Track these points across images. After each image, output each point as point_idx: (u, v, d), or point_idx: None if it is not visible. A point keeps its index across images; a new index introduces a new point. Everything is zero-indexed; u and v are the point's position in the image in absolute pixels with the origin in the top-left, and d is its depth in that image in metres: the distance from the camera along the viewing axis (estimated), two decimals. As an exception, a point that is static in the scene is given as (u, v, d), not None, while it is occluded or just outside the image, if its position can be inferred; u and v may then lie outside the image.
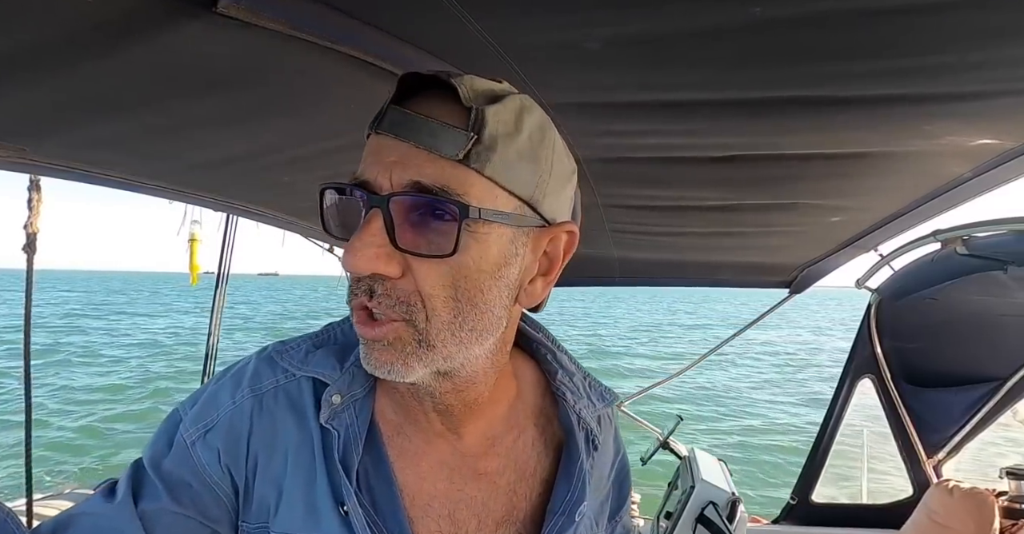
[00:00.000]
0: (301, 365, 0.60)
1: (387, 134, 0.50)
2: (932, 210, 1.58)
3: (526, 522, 0.61)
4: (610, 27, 0.73)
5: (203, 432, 0.58)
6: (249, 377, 0.61)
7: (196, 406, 0.60)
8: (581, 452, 0.63)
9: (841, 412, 2.67)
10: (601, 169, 1.36)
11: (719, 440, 9.38)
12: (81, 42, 0.63)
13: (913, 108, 0.97)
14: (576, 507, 0.61)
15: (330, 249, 2.70)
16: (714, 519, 2.09)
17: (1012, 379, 2.37)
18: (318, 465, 0.57)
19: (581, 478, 0.62)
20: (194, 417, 0.59)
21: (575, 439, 0.64)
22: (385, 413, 0.61)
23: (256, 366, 0.61)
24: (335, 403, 0.57)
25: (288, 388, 0.60)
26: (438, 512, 0.59)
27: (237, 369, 0.62)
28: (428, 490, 0.59)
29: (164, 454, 0.58)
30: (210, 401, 0.60)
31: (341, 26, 0.71)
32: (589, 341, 23.69)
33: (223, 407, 0.59)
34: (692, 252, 2.35)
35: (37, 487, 2.48)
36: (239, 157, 1.10)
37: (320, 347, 0.62)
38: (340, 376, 0.59)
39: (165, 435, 0.59)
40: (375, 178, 0.49)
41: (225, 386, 0.61)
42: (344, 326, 0.64)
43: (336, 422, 0.57)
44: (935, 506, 2.24)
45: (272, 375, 0.60)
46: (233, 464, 0.58)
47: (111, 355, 17.29)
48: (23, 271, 1.66)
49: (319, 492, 0.56)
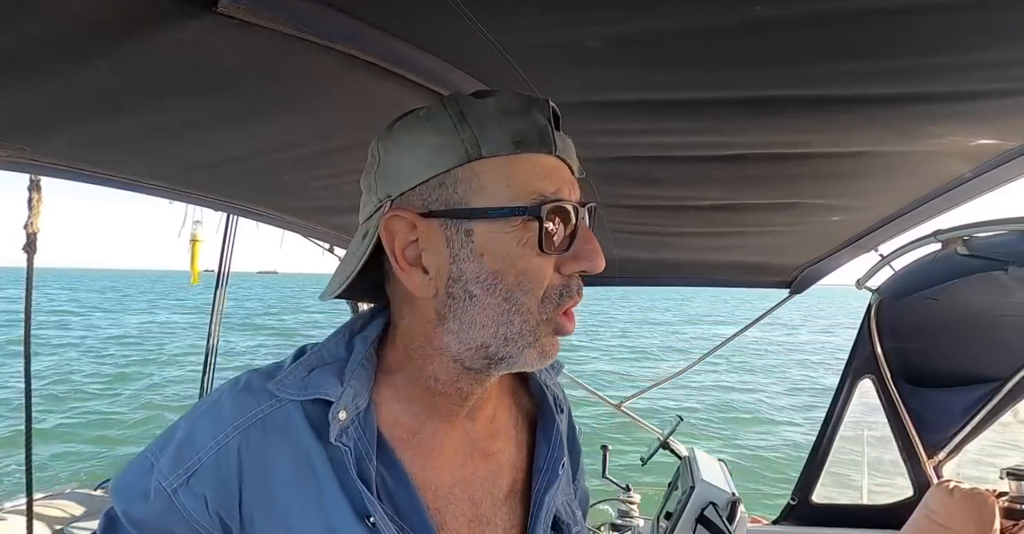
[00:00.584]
0: (300, 390, 0.59)
1: (560, 156, 0.59)
2: (932, 210, 1.57)
3: (523, 486, 0.68)
4: (611, 26, 0.73)
5: (185, 478, 0.56)
6: (229, 412, 0.58)
7: (169, 451, 0.57)
8: (555, 415, 0.71)
9: (841, 412, 2.67)
10: (601, 169, 1.36)
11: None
12: (81, 42, 0.63)
13: (913, 108, 0.97)
14: (558, 463, 0.68)
15: (330, 249, 2.70)
16: (714, 519, 2.09)
17: (1013, 379, 2.37)
18: (327, 485, 0.57)
19: (558, 437, 0.70)
20: (171, 463, 0.57)
21: (548, 404, 0.72)
22: (396, 419, 0.62)
23: (234, 399, 0.59)
24: (342, 419, 0.57)
25: (274, 416, 0.59)
26: (459, 497, 0.63)
27: (208, 406, 0.60)
28: (447, 480, 0.63)
29: (142, 505, 0.56)
30: (186, 444, 0.57)
31: (341, 26, 0.71)
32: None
33: (204, 448, 0.57)
34: (692, 252, 2.35)
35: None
36: (239, 157, 1.10)
37: (313, 369, 0.61)
38: (342, 393, 0.59)
39: (138, 484, 0.57)
40: (570, 195, 0.58)
41: (201, 426, 0.58)
42: (328, 346, 0.64)
43: (344, 438, 0.57)
44: (935, 507, 2.24)
45: (255, 405, 0.59)
46: (224, 509, 0.56)
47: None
48: (19, 269, 1.65)
49: (336, 511, 0.56)
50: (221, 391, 0.61)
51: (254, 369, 0.63)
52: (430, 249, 0.58)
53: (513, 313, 0.56)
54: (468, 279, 0.56)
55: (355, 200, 0.68)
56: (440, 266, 0.57)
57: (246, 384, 0.61)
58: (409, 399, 0.63)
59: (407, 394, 0.63)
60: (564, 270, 0.58)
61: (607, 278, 2.75)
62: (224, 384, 0.62)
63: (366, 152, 0.66)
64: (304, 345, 0.66)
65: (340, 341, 0.64)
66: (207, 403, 0.60)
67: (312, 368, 0.61)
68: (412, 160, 0.57)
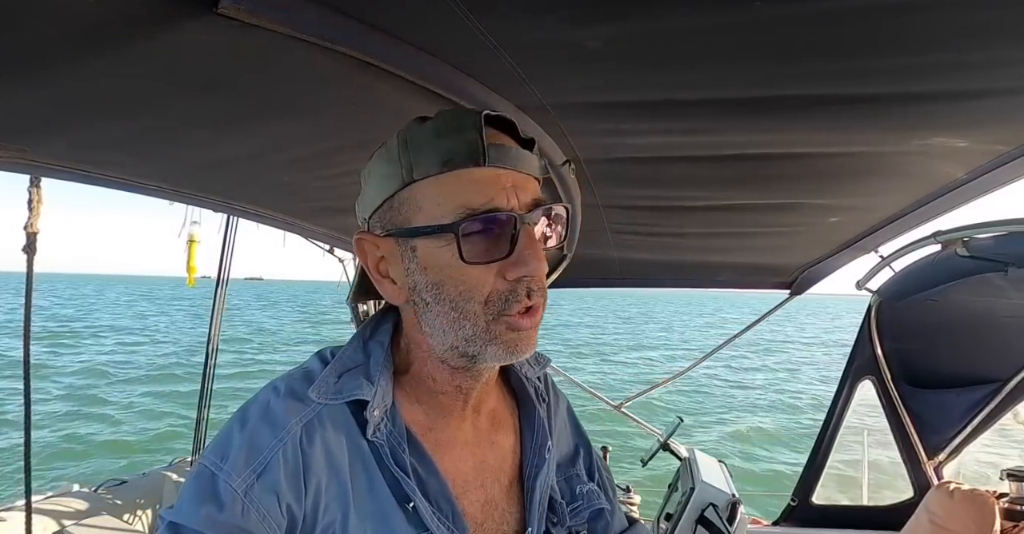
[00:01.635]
0: (336, 395, 0.63)
1: (497, 166, 0.61)
2: (932, 211, 1.58)
3: (519, 472, 0.74)
4: (611, 26, 0.73)
5: (255, 477, 0.58)
6: (283, 414, 0.61)
7: (232, 456, 0.59)
8: (534, 403, 0.76)
9: (842, 413, 2.67)
10: (601, 169, 1.36)
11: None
12: (81, 42, 0.63)
13: (914, 108, 0.97)
14: (543, 448, 0.73)
15: (330, 250, 2.71)
16: (714, 521, 2.09)
17: (1013, 381, 2.37)
18: (372, 474, 0.62)
19: (540, 423, 0.75)
20: (237, 465, 0.58)
21: (528, 394, 0.77)
22: (413, 416, 0.67)
23: (285, 403, 0.62)
24: (377, 417, 0.63)
25: (325, 414, 0.63)
26: (473, 485, 0.68)
27: (260, 412, 0.62)
28: (463, 469, 0.68)
29: (216, 512, 0.56)
30: (250, 447, 0.59)
31: (341, 26, 0.71)
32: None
33: (268, 447, 0.59)
34: (692, 253, 2.35)
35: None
36: (239, 157, 1.10)
37: (341, 374, 0.65)
38: (375, 393, 0.63)
39: (206, 493, 0.58)
40: (506, 202, 0.61)
41: (260, 429, 0.60)
42: (348, 352, 0.68)
43: (379, 434, 0.63)
44: (936, 508, 2.24)
45: (305, 407, 0.62)
46: (294, 501, 0.59)
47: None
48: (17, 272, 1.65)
49: (381, 498, 0.62)
50: (265, 399, 0.63)
51: (285, 376, 0.67)
52: (392, 263, 0.65)
53: (462, 319, 0.62)
54: (420, 289, 0.63)
55: (355, 201, 0.69)
56: (400, 278, 0.65)
57: (288, 390, 0.64)
58: (418, 399, 0.68)
59: (416, 394, 0.68)
60: (508, 275, 0.60)
61: (607, 278, 2.75)
62: (262, 393, 0.65)
63: (366, 153, 0.67)
64: (324, 349, 0.70)
65: (356, 347, 0.69)
66: (257, 410, 0.62)
67: (340, 374, 0.66)
68: (372, 188, 0.65)
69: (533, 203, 0.62)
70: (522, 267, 0.60)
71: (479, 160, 0.60)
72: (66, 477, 7.18)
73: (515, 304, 0.61)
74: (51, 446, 8.89)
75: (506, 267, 0.60)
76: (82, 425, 10.24)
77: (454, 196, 0.60)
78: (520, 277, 0.60)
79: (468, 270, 0.60)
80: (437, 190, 0.60)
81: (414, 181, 0.61)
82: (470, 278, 0.60)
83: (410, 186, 0.61)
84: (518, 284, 0.61)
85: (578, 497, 0.77)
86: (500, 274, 0.60)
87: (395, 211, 0.63)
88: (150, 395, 12.78)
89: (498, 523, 0.69)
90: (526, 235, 0.61)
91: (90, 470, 7.90)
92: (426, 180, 0.60)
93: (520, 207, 0.61)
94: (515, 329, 0.62)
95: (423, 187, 0.61)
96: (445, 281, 0.61)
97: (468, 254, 0.59)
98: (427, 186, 0.61)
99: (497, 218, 0.60)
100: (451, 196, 0.60)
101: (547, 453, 0.74)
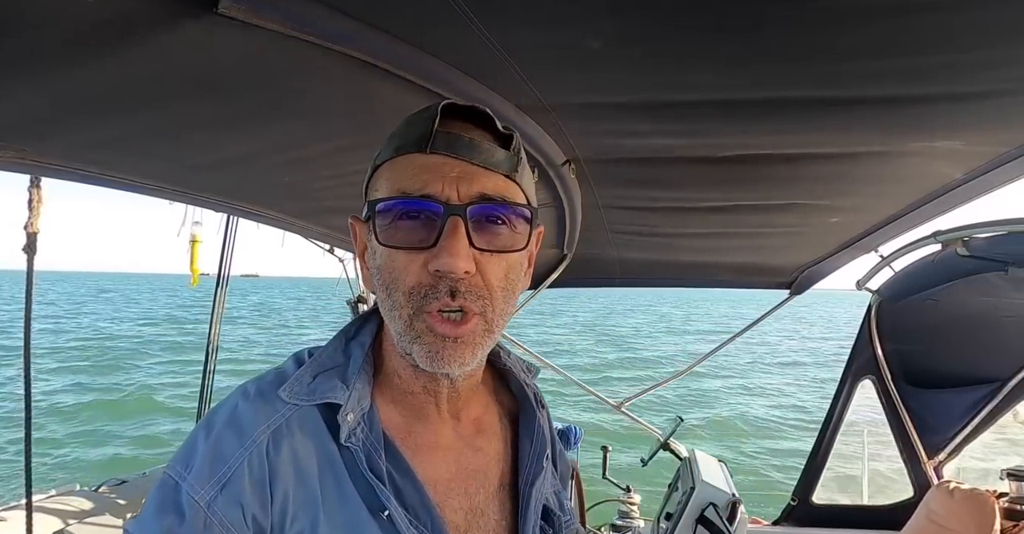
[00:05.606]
0: (309, 396, 0.61)
1: (443, 154, 0.59)
2: (932, 211, 1.58)
3: (511, 480, 0.71)
4: (610, 27, 0.73)
5: (219, 488, 0.55)
6: (250, 420, 0.59)
7: (195, 466, 0.57)
8: (536, 410, 0.75)
9: (842, 413, 2.67)
10: (601, 169, 1.36)
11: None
12: (81, 42, 0.63)
13: (913, 109, 0.97)
14: (541, 455, 0.72)
15: (330, 250, 2.70)
16: (714, 520, 2.09)
17: (1013, 380, 2.37)
18: (344, 482, 0.59)
19: (540, 431, 0.73)
20: (200, 476, 0.56)
21: (529, 402, 0.75)
22: (391, 419, 0.65)
23: (252, 407, 0.60)
24: (351, 422, 0.60)
25: (294, 419, 0.60)
26: (456, 491, 0.66)
27: (226, 417, 0.59)
28: (444, 475, 0.66)
29: (177, 524, 0.55)
30: (214, 456, 0.57)
31: (342, 26, 0.71)
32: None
33: (233, 456, 0.57)
34: (692, 253, 2.35)
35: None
36: (239, 158, 1.10)
37: (317, 375, 0.63)
38: (349, 396, 0.61)
39: (167, 504, 0.56)
40: (441, 191, 0.58)
41: (224, 436, 0.58)
42: (327, 352, 0.66)
43: (353, 439, 0.60)
44: (936, 507, 2.24)
45: (274, 411, 0.60)
46: (260, 511, 0.56)
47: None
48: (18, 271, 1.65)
49: (354, 507, 0.59)
50: (233, 403, 0.61)
51: (257, 378, 0.64)
52: (367, 249, 0.65)
53: (393, 309, 0.60)
54: (375, 274, 0.62)
55: (355, 201, 0.69)
56: (370, 262, 0.64)
57: (257, 393, 0.61)
58: (394, 399, 0.66)
59: (392, 394, 0.66)
60: (429, 267, 0.58)
61: (607, 279, 2.75)
62: (231, 396, 0.62)
63: (366, 153, 0.67)
64: (301, 351, 0.67)
65: (337, 347, 0.67)
66: (223, 415, 0.60)
67: (315, 374, 0.63)
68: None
69: (479, 196, 0.58)
70: (435, 260, 0.57)
71: (423, 146, 0.59)
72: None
73: (433, 300, 0.58)
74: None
75: (429, 258, 0.58)
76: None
77: (397, 180, 0.59)
78: (437, 271, 0.57)
79: (396, 256, 0.59)
80: (388, 174, 0.61)
81: (378, 166, 0.63)
82: (398, 265, 0.59)
83: (377, 170, 0.63)
84: (440, 279, 0.57)
85: (567, 512, 0.76)
86: (426, 265, 0.58)
87: (367, 195, 0.64)
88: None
89: (484, 531, 0.66)
90: (450, 227, 0.57)
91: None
92: (384, 164, 0.62)
93: (459, 198, 0.58)
94: (434, 332, 0.58)
95: (381, 171, 0.62)
96: (383, 266, 0.60)
97: (384, 237, 0.59)
98: (383, 170, 0.62)
99: (419, 204, 0.58)
100: (395, 180, 0.60)
101: (545, 461, 0.72)
